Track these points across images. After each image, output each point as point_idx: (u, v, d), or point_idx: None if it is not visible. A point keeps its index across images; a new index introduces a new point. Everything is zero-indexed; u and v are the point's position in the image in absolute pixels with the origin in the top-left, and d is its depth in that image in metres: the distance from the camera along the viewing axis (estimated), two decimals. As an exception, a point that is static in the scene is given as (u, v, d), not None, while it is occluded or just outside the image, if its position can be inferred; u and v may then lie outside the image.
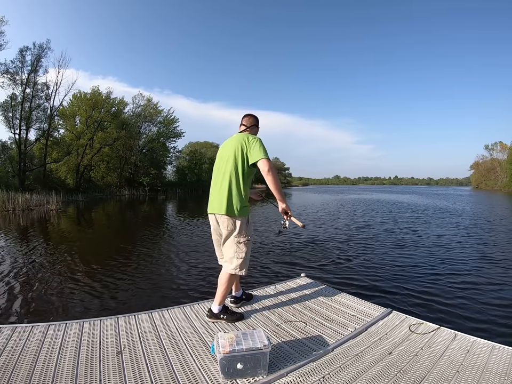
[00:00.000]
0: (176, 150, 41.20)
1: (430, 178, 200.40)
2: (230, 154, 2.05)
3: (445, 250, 5.92)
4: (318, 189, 71.11)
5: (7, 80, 22.30)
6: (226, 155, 2.08)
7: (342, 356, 1.71)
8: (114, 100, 31.65)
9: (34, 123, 24.74)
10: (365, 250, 5.89)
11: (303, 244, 6.44)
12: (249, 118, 2.28)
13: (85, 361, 1.59)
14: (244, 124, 2.27)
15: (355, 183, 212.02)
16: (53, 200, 15.27)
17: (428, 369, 1.56)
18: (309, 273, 4.05)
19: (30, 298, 3.44)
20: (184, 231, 8.48)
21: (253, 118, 2.29)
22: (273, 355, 1.68)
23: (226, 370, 1.47)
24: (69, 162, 27.89)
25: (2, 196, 13.88)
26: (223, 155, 2.12)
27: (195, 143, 54.57)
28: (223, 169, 2.07)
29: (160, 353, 1.70)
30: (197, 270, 4.59)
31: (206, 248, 6.02)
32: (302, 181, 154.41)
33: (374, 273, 4.39)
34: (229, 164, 2.03)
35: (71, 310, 3.13)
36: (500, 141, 68.54)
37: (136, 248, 6.20)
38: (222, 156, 2.14)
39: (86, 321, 2.07)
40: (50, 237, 7.65)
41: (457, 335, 1.92)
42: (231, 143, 2.10)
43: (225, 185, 2.02)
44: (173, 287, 3.87)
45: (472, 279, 4.10)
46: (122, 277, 4.26)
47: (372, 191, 49.07)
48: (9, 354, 1.62)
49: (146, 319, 2.13)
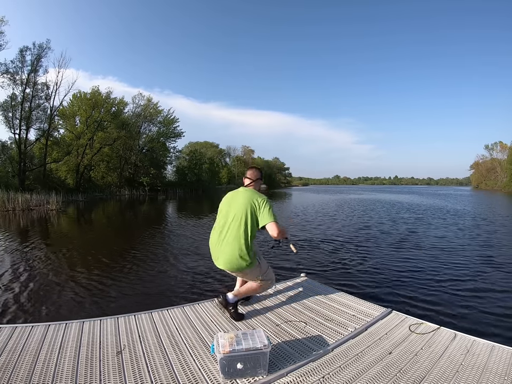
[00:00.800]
0: (176, 150, 41.30)
1: (430, 178, 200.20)
2: (240, 212, 2.10)
3: (445, 250, 5.91)
4: (318, 189, 71.14)
5: (7, 80, 22.35)
6: (236, 210, 2.12)
7: (342, 355, 1.71)
8: (114, 100, 31.70)
9: (34, 123, 24.77)
10: (364, 251, 5.89)
11: (303, 244, 6.44)
12: (254, 172, 2.35)
13: (85, 361, 1.59)
14: (248, 177, 2.33)
15: (355, 183, 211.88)
16: (53, 200, 15.27)
17: (428, 369, 1.56)
18: (309, 273, 4.06)
19: (30, 298, 3.44)
20: (184, 231, 8.48)
21: (257, 172, 2.36)
22: (273, 355, 1.68)
23: (226, 370, 1.47)
24: (69, 162, 27.90)
25: (2, 196, 13.87)
26: (231, 209, 2.16)
27: (195, 143, 54.70)
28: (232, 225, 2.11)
29: (160, 353, 1.70)
30: (197, 270, 4.59)
31: (206, 249, 6.02)
32: (302, 181, 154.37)
33: (374, 273, 4.39)
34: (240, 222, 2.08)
35: (71, 310, 3.12)
36: (500, 141, 68.56)
37: (136, 248, 6.20)
38: (230, 209, 2.17)
39: (86, 321, 2.07)
40: (50, 237, 7.65)
41: (457, 335, 1.92)
42: (241, 200, 2.14)
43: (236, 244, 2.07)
44: (173, 287, 3.87)
45: (472, 279, 4.10)
46: (122, 277, 4.26)
47: (371, 191, 49.07)
48: (9, 354, 1.62)
49: (146, 319, 2.13)
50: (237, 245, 2.05)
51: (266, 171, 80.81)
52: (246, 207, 2.09)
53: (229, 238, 2.09)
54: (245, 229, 2.06)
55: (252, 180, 2.31)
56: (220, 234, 2.16)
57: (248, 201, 2.11)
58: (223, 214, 2.22)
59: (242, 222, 2.07)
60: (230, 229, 2.10)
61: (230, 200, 2.23)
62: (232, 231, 2.08)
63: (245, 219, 2.07)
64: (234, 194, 2.27)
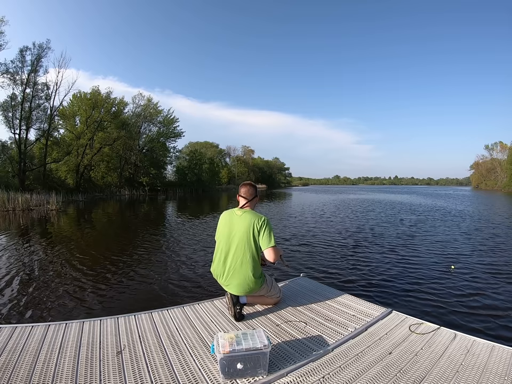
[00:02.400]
0: (176, 150, 41.32)
1: (430, 178, 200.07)
2: (244, 238, 2.08)
3: (446, 251, 5.92)
4: (317, 189, 71.14)
5: (7, 80, 22.33)
6: (239, 236, 2.09)
7: (342, 355, 1.71)
8: (114, 100, 31.67)
9: (34, 123, 24.76)
10: (365, 251, 5.89)
11: (303, 244, 6.44)
12: (249, 189, 2.24)
13: (85, 361, 1.59)
14: (243, 196, 2.22)
15: (355, 183, 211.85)
16: (53, 200, 15.27)
17: (428, 369, 1.56)
18: (309, 273, 4.06)
19: (30, 298, 3.44)
20: (184, 232, 8.48)
21: (252, 189, 2.25)
22: (273, 355, 1.68)
23: (226, 370, 1.47)
24: (69, 162, 27.89)
25: (2, 196, 13.86)
26: (233, 235, 2.12)
27: (195, 143, 54.70)
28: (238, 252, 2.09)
29: (160, 353, 1.70)
30: (197, 270, 4.59)
31: (206, 249, 6.02)
32: (302, 181, 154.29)
33: (374, 273, 4.39)
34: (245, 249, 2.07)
35: (71, 310, 3.12)
36: (500, 141, 68.65)
37: (136, 248, 6.20)
38: (231, 235, 2.13)
39: (86, 321, 2.07)
40: (50, 237, 7.65)
41: (457, 335, 1.92)
42: (242, 224, 2.10)
43: (245, 271, 2.08)
44: (172, 287, 3.87)
45: (472, 280, 4.10)
46: (122, 277, 4.26)
47: (371, 191, 49.07)
48: (9, 354, 1.62)
49: (146, 319, 2.13)
50: (246, 271, 2.07)
51: (266, 171, 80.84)
52: (248, 232, 2.07)
53: (236, 266, 2.08)
54: (251, 254, 2.08)
55: (247, 199, 2.23)
56: (225, 262, 2.14)
57: (249, 225, 2.08)
58: (224, 239, 2.16)
59: (247, 248, 2.07)
60: (235, 256, 2.09)
61: (230, 224, 2.17)
62: (238, 258, 2.07)
63: (249, 244, 2.07)
64: (231, 216, 2.19)
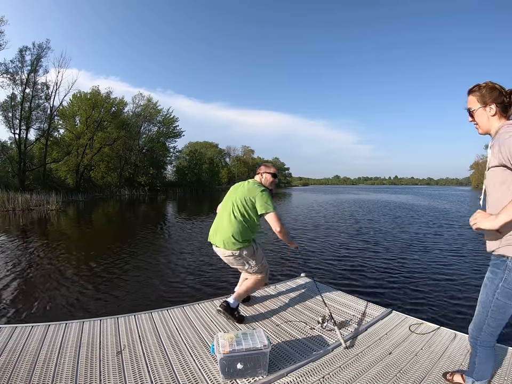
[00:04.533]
0: (176, 150, 41.24)
1: (430, 178, 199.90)
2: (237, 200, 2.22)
3: (446, 251, 5.92)
4: (317, 189, 71.12)
5: (7, 80, 22.33)
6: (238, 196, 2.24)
7: (342, 356, 1.71)
8: (114, 100, 31.65)
9: (34, 123, 24.79)
10: (364, 251, 5.89)
11: (303, 244, 6.44)
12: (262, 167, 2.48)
13: (85, 361, 1.59)
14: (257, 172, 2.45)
15: (355, 183, 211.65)
16: (52, 200, 15.26)
17: (428, 369, 1.56)
18: (309, 273, 4.06)
19: (30, 298, 3.44)
20: (184, 232, 8.49)
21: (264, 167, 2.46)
22: (273, 355, 1.68)
23: (226, 370, 1.47)
24: (69, 162, 27.87)
25: (2, 196, 13.86)
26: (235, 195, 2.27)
27: (195, 143, 54.62)
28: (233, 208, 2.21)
29: (160, 353, 1.70)
30: (196, 270, 4.59)
31: (206, 249, 6.02)
32: (302, 181, 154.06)
33: (374, 274, 4.39)
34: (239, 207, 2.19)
35: (71, 310, 3.13)
36: (500, 141, 68.39)
37: (136, 249, 6.20)
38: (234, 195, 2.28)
39: (86, 321, 2.06)
40: (50, 237, 7.65)
41: (457, 335, 1.92)
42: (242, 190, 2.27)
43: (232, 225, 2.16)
44: (172, 287, 3.87)
45: (472, 280, 4.10)
46: (122, 277, 4.26)
47: (371, 191, 49.06)
48: (9, 354, 1.62)
49: (146, 319, 2.13)
50: (233, 226, 2.14)
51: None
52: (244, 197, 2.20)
53: (227, 219, 2.19)
54: (242, 214, 2.17)
55: (258, 172, 2.45)
56: (217, 221, 2.29)
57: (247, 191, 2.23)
58: (224, 204, 2.34)
59: (241, 207, 2.18)
60: (229, 211, 2.20)
61: (234, 190, 2.36)
62: (231, 214, 2.18)
63: (243, 208, 2.18)
64: (237, 186, 2.40)
